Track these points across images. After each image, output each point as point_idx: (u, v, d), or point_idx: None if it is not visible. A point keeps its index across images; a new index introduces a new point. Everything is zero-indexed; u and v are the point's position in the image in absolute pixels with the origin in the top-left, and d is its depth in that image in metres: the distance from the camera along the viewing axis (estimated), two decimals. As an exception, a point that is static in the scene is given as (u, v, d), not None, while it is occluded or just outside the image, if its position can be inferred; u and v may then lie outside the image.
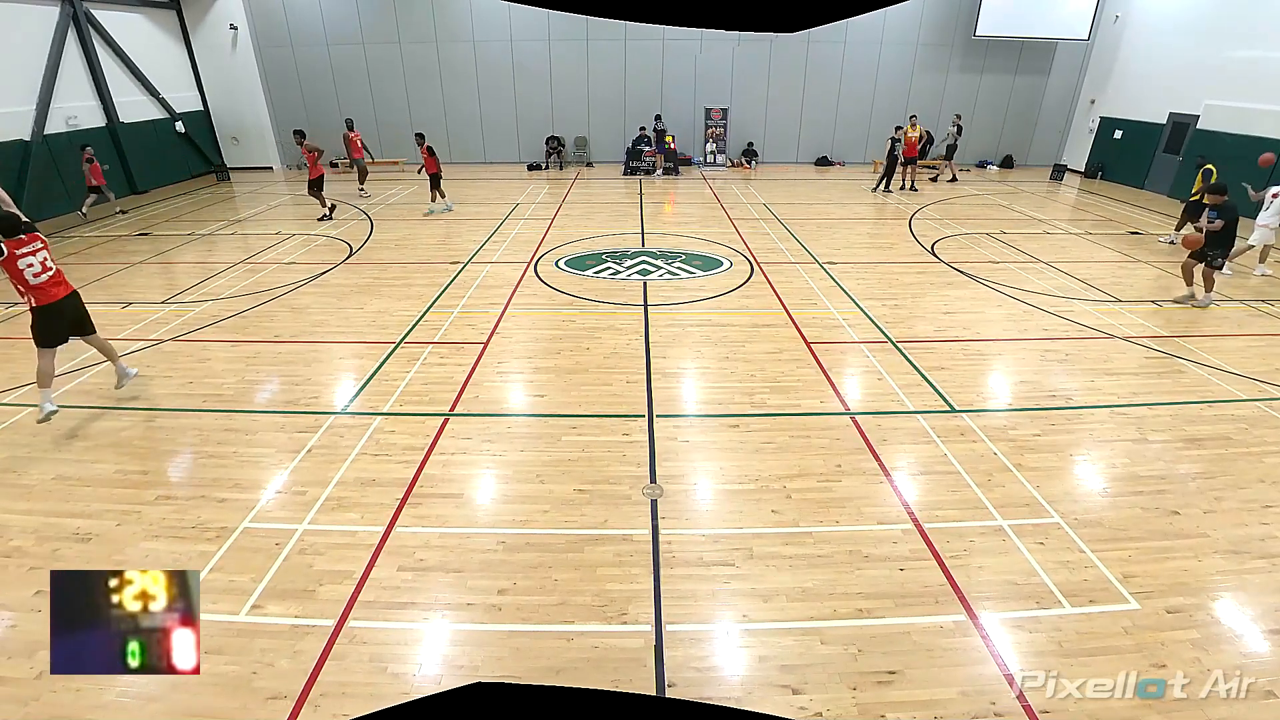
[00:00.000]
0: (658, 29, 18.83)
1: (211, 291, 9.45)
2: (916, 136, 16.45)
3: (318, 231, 12.70)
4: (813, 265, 10.62)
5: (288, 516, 4.78)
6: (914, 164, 16.82)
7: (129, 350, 7.46)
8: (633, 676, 3.54)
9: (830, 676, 3.53)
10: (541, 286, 9.62)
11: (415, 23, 18.89)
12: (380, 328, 8.14)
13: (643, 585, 4.15)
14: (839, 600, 4.04)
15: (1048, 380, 6.88)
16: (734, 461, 5.46)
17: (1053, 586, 4.13)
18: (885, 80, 19.96)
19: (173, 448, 5.69)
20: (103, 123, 15.61)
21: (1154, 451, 5.60)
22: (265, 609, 3.97)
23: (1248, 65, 14.18)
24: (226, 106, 19.35)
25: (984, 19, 18.60)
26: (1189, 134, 15.68)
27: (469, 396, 6.50)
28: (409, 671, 3.59)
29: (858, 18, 17.72)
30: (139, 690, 3.43)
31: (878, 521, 4.73)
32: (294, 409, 6.29)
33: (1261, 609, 3.99)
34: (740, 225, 13.16)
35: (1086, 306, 8.90)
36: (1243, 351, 7.52)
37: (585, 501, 4.94)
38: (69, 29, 14.60)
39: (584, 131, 20.58)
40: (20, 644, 3.72)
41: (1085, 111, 19.69)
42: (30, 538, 4.57)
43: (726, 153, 20.50)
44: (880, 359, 7.30)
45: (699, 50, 19.49)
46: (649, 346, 7.58)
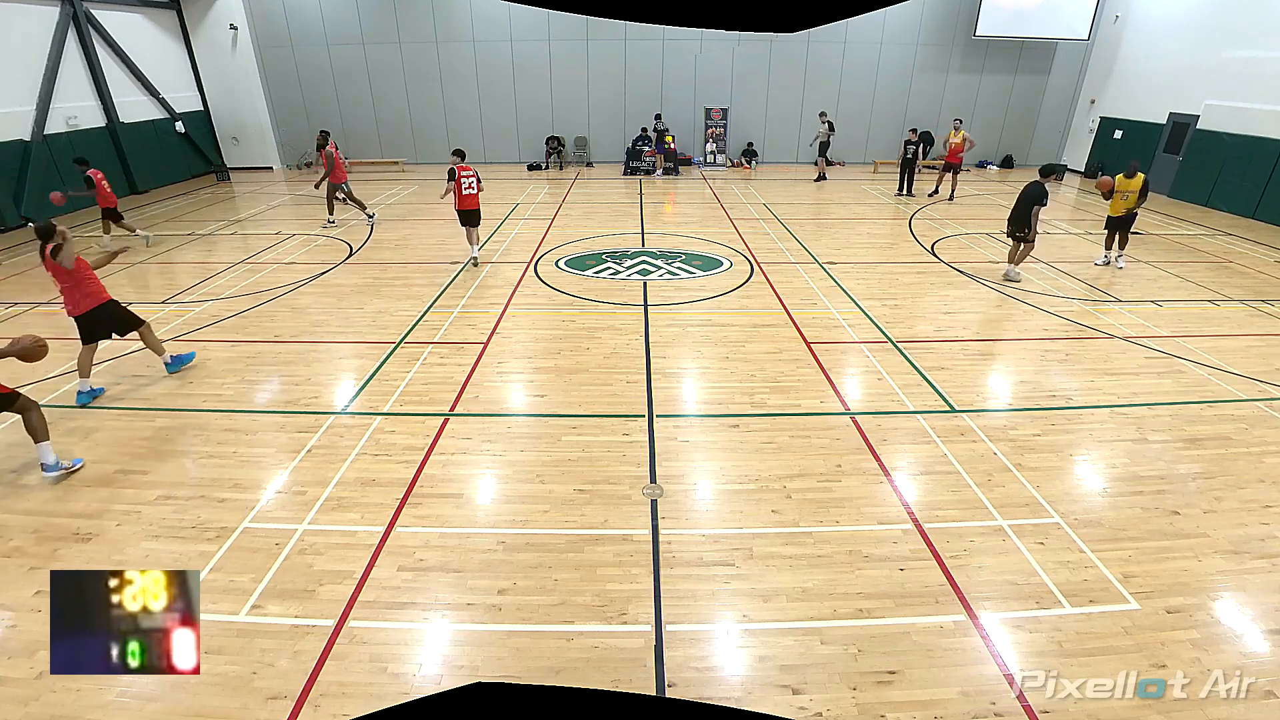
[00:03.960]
0: (658, 29, 18.83)
1: (211, 291, 9.45)
2: (961, 140, 15.26)
3: (317, 231, 12.70)
4: (813, 265, 10.62)
5: (288, 516, 4.78)
6: (956, 171, 15.63)
7: (129, 350, 7.46)
8: (633, 676, 3.54)
9: (830, 676, 3.53)
10: (541, 286, 9.62)
11: (415, 23, 18.89)
12: (380, 328, 8.14)
13: (643, 585, 4.15)
14: (839, 600, 4.04)
15: (1048, 380, 6.88)
16: (734, 461, 5.46)
17: (1053, 586, 4.13)
18: (885, 80, 19.96)
19: (173, 448, 5.69)
20: (103, 123, 15.62)
21: (1154, 451, 5.60)
22: (265, 609, 3.97)
23: (1247, 65, 14.19)
24: (226, 106, 19.34)
25: (984, 19, 18.60)
26: (1189, 134, 15.68)
27: (469, 396, 6.50)
28: (409, 671, 3.59)
29: (858, 18, 17.72)
30: (139, 690, 3.43)
31: (878, 521, 4.73)
32: (294, 409, 6.29)
33: (1261, 609, 4.00)
34: (740, 225, 13.16)
35: (1086, 306, 8.90)
36: (1243, 351, 7.52)
37: (585, 501, 4.94)
38: (69, 29, 14.61)
39: (584, 131, 20.58)
40: (20, 644, 3.72)
41: (1085, 111, 19.70)
42: (30, 538, 4.57)
43: (726, 153, 20.50)
44: (880, 359, 7.30)
45: (699, 50, 19.49)
46: (649, 346, 7.58)
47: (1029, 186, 9.37)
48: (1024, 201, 9.35)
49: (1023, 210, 9.37)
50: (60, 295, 6.29)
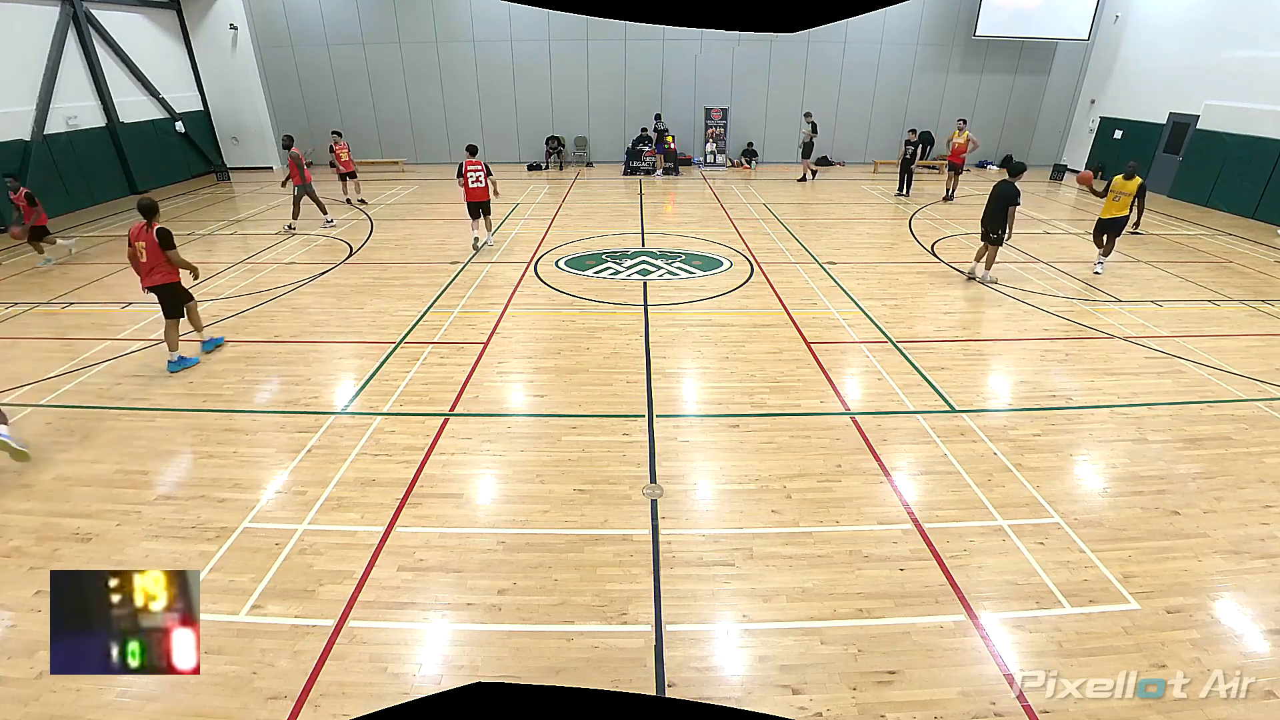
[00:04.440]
0: (658, 29, 18.83)
1: (211, 291, 9.44)
2: (965, 141, 15.23)
3: (318, 231, 12.70)
4: (813, 265, 10.62)
5: (288, 516, 4.78)
6: (958, 171, 15.60)
7: (129, 350, 7.47)
8: (633, 676, 3.54)
9: (830, 676, 3.54)
10: (541, 286, 9.62)
11: (415, 23, 18.89)
12: (380, 328, 8.14)
13: (643, 585, 4.15)
14: (839, 600, 4.04)
15: (1048, 380, 6.88)
16: (734, 461, 5.46)
17: (1053, 586, 4.13)
18: (885, 80, 19.96)
19: (173, 448, 5.69)
20: (103, 123, 15.62)
21: (1154, 451, 5.60)
22: (265, 609, 3.97)
23: (1247, 65, 14.19)
24: (226, 106, 19.34)
25: (984, 19, 18.61)
26: (1189, 134, 15.68)
27: (469, 396, 6.50)
28: (409, 671, 3.59)
29: (858, 18, 17.73)
30: (139, 690, 3.43)
31: (878, 521, 4.73)
32: (294, 409, 6.29)
33: (1261, 609, 4.00)
34: (740, 225, 13.16)
35: (1086, 306, 8.90)
36: (1243, 351, 7.52)
37: (585, 501, 4.94)
38: (69, 29, 14.61)
39: (584, 131, 20.58)
40: (20, 644, 3.72)
41: (1085, 111, 19.70)
42: (30, 538, 4.57)
43: (726, 153, 20.50)
44: (880, 359, 7.30)
45: (699, 50, 19.49)
46: (649, 346, 7.58)
47: (1000, 186, 9.17)
48: (998, 201, 9.13)
49: (997, 210, 9.14)
50: (138, 268, 6.88)
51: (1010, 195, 9.00)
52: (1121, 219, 9.84)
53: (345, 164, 14.73)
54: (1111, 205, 9.78)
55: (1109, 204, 9.80)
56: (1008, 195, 9.02)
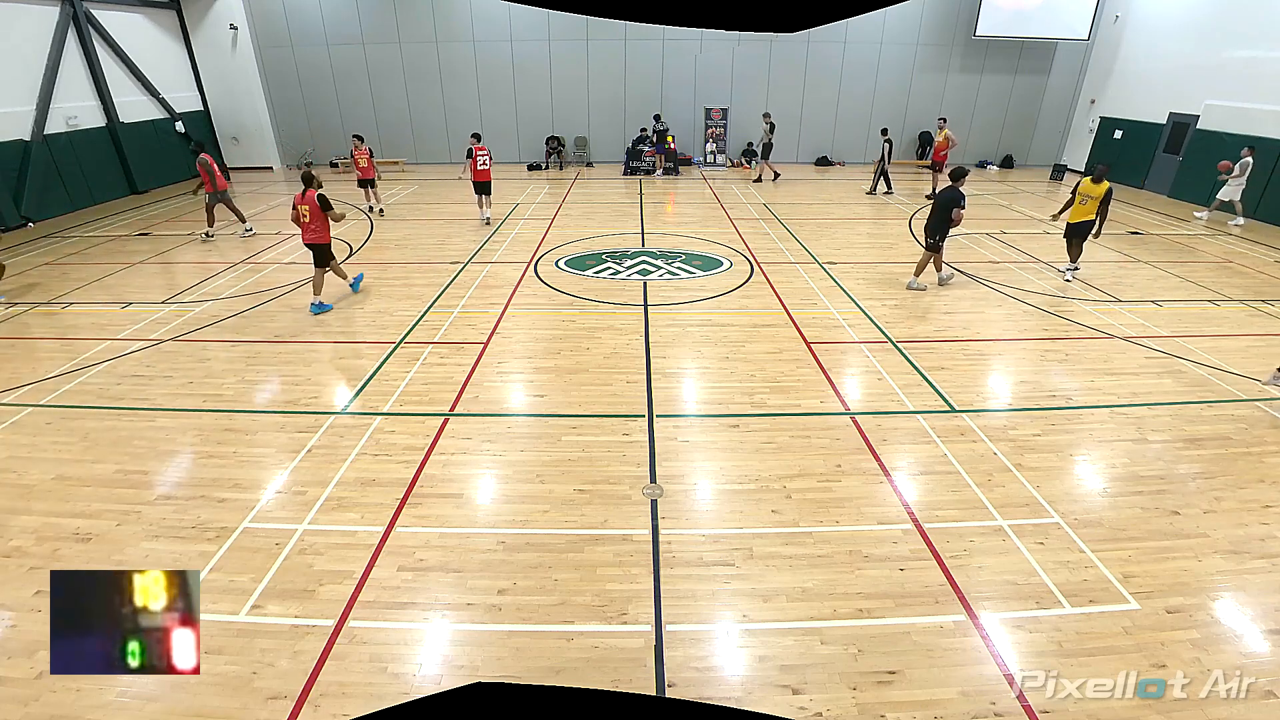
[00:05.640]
0: (658, 29, 18.83)
1: (211, 291, 9.45)
2: (944, 140, 15.56)
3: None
4: (813, 265, 10.62)
5: (288, 516, 4.78)
6: (939, 170, 15.59)
7: (128, 350, 7.47)
8: (633, 676, 3.54)
9: (830, 676, 3.54)
10: (541, 286, 9.62)
11: (415, 23, 18.89)
12: (380, 328, 8.14)
13: (643, 585, 4.15)
14: (839, 600, 4.04)
15: (1048, 380, 6.88)
16: (734, 461, 5.46)
17: (1053, 586, 4.13)
18: (885, 80, 19.95)
19: (173, 448, 5.69)
20: (103, 123, 15.62)
21: (1154, 451, 5.60)
22: (265, 609, 3.97)
23: (1247, 65, 14.18)
24: (226, 106, 19.35)
25: (984, 19, 18.60)
26: (1189, 134, 15.68)
27: (469, 396, 6.50)
28: (409, 671, 3.59)
29: (858, 18, 17.72)
30: (139, 690, 3.43)
31: (878, 521, 4.73)
32: (294, 409, 6.29)
33: (1261, 609, 4.00)
34: (740, 225, 13.16)
35: (1086, 306, 8.90)
36: (1243, 351, 7.52)
37: (585, 501, 4.94)
38: (69, 29, 14.61)
39: (584, 131, 20.57)
40: (20, 644, 3.72)
41: (1085, 111, 19.69)
42: (30, 538, 4.57)
43: (726, 153, 20.50)
44: (880, 359, 7.30)
45: (699, 50, 19.49)
46: (649, 346, 7.58)
47: (944, 192, 8.91)
48: (942, 208, 8.88)
49: (941, 216, 8.90)
50: (301, 227, 8.34)
51: (954, 199, 8.77)
52: (1088, 224, 9.43)
53: (364, 170, 13.71)
54: (1079, 209, 9.42)
55: (1076, 208, 9.48)
56: (953, 199, 8.77)
